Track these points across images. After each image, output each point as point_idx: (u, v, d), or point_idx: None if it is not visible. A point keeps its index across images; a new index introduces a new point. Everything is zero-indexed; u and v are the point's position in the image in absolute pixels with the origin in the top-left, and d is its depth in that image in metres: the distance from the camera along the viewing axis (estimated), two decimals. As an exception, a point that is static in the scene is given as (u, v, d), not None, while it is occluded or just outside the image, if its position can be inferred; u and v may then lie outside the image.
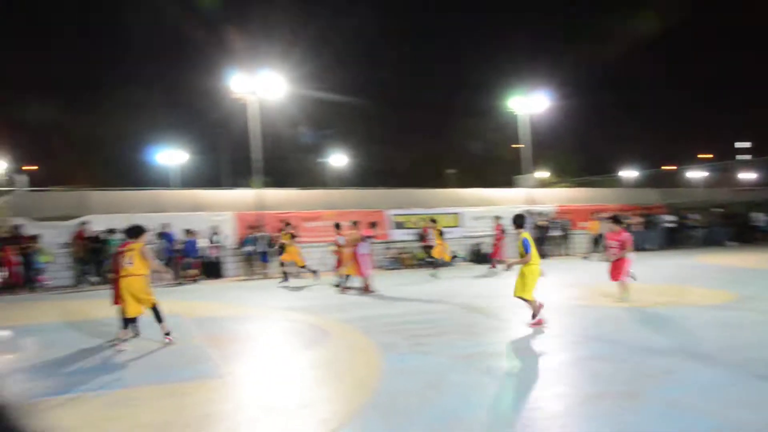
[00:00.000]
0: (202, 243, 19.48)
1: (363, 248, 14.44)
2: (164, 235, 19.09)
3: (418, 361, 7.30)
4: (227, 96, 24.82)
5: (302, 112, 41.41)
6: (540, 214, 25.90)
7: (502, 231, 20.52)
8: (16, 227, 18.39)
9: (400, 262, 22.88)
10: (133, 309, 8.71)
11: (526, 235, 9.39)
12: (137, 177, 46.42)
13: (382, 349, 7.98)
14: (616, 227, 11.69)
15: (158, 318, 8.87)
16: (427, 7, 76.73)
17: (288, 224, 18.77)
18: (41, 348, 8.94)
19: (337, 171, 48.92)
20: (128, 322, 8.81)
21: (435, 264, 18.72)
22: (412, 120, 58.24)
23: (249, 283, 18.67)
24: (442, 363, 7.14)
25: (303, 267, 17.97)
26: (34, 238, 17.73)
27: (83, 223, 18.90)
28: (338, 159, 48.03)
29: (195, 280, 18.89)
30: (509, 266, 10.15)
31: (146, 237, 9.26)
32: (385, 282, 15.83)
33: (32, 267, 17.52)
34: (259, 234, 20.41)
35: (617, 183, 42.83)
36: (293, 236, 18.19)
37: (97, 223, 19.07)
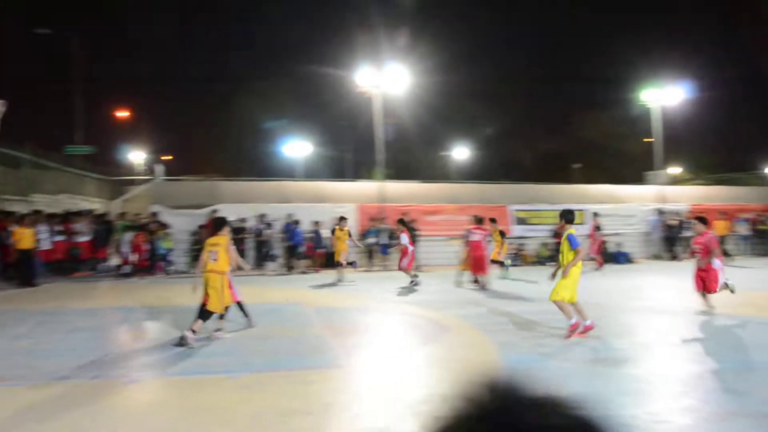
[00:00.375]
0: (325, 234, 20.02)
1: (481, 244, 14.37)
2: (289, 226, 19.84)
3: (537, 363, 7.16)
4: (352, 89, 25.37)
5: (426, 105, 41.47)
6: (671, 212, 24.59)
7: (597, 228, 19.79)
8: (154, 214, 19.76)
9: (520, 258, 22.49)
10: (216, 304, 8.41)
11: (574, 231, 8.75)
12: (264, 168, 48.43)
13: (501, 348, 7.90)
14: (701, 228, 10.72)
15: (204, 317, 8.40)
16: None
17: (342, 219, 18.21)
18: (170, 329, 9.53)
19: (459, 164, 48.72)
20: (206, 315, 8.40)
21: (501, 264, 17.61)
22: (537, 113, 56.88)
23: (370, 274, 19.03)
24: (562, 367, 6.97)
25: (338, 263, 17.28)
26: (164, 225, 18.90)
27: (214, 212, 19.96)
28: (461, 152, 47.79)
29: (317, 271, 19.46)
30: (554, 274, 9.10)
31: (228, 230, 9.04)
32: (505, 279, 15.62)
33: (156, 252, 18.69)
34: (380, 226, 20.73)
35: (762, 181, 39.70)
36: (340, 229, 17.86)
37: (227, 212, 20.07)
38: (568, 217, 9.02)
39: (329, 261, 20.15)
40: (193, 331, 8.07)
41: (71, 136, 35.84)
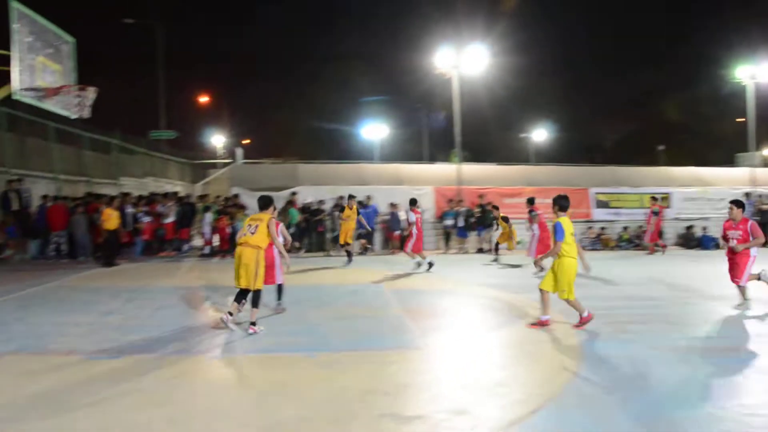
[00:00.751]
0: (402, 216, 20.09)
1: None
2: (367, 208, 20.03)
3: (621, 349, 7.00)
4: (430, 71, 25.25)
5: (504, 86, 40.83)
6: (764, 196, 23.41)
7: (654, 213, 18.99)
8: (235, 196, 20.33)
9: (601, 242, 21.96)
10: (241, 280, 8.03)
11: (563, 220, 7.95)
12: (342, 150, 48.98)
13: (582, 333, 7.76)
14: (739, 214, 9.60)
15: (254, 302, 8.09)
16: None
17: (351, 197, 17.66)
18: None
19: (538, 147, 47.81)
20: (241, 296, 8.09)
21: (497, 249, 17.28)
22: (620, 93, 54.99)
23: (447, 257, 19.01)
24: (647, 354, 6.78)
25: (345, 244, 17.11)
26: (243, 207, 19.34)
27: (294, 194, 20.39)
28: (540, 134, 46.87)
29: (393, 253, 19.57)
30: (537, 264, 8.51)
31: (273, 210, 8.67)
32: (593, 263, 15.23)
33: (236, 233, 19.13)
34: (458, 209, 20.65)
35: None
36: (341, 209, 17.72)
37: (306, 194, 20.49)
38: (560, 203, 8.17)
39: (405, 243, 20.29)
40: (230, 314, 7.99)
41: (156, 121, 37.21)
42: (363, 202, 19.79)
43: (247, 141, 50.55)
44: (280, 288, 9.28)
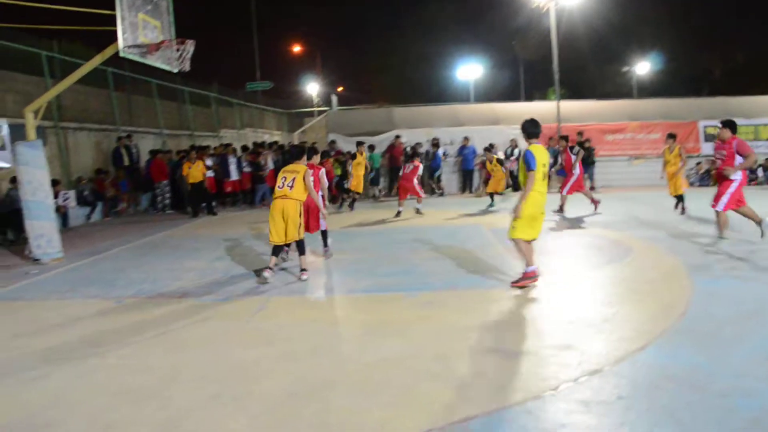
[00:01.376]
0: (500, 156, 19.72)
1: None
2: (464, 149, 19.82)
3: (734, 287, 6.68)
4: (524, 5, 24.33)
5: (603, 18, 38.74)
6: None
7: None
8: (332, 142, 20.56)
9: (711, 179, 20.79)
10: (276, 235, 7.87)
11: (534, 148, 6.88)
12: (437, 92, 48.37)
13: (692, 270, 7.46)
14: (726, 134, 9.13)
15: (300, 250, 8.07)
16: None
17: (360, 143, 17.39)
18: (357, 250, 9.99)
19: (641, 80, 45.38)
20: (277, 250, 8.05)
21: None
22: (729, 20, 50.93)
23: (548, 196, 18.56)
24: (763, 291, 6.45)
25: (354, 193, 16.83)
26: (342, 153, 19.50)
27: (397, 137, 20.42)
28: (643, 67, 44.41)
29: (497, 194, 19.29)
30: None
31: (306, 160, 8.44)
32: (695, 200, 14.48)
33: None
34: (556, 147, 20.04)
35: None
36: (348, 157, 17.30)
37: (406, 137, 20.51)
38: (529, 129, 7.09)
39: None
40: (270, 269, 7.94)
41: (252, 73, 37.95)
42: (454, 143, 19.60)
43: (341, 88, 50.88)
44: (324, 234, 9.33)
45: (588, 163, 19.44)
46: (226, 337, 5.68)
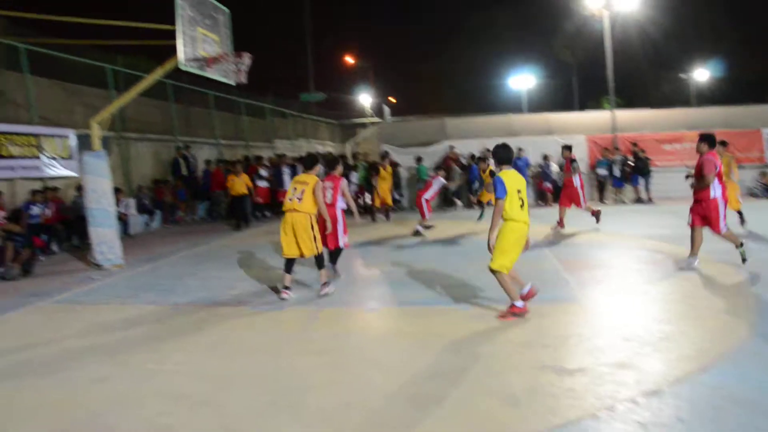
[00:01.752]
0: (554, 167, 19.47)
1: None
2: (518, 160, 19.62)
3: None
4: (577, 13, 24.04)
5: (659, 25, 37.93)
6: None
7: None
8: (385, 153, 20.63)
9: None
10: (289, 249, 7.63)
11: (505, 174, 6.29)
12: (489, 102, 48.19)
13: (755, 287, 7.21)
14: (704, 148, 8.36)
15: (320, 265, 7.81)
16: None
17: (385, 155, 17.08)
18: (407, 262, 9.98)
19: (699, 88, 44.18)
20: (290, 265, 7.75)
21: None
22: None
23: (602, 207, 18.22)
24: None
25: (389, 206, 16.46)
26: (394, 164, 19.44)
27: (452, 147, 20.39)
28: (702, 74, 43.24)
29: (546, 205, 19.07)
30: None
31: (319, 169, 8.10)
32: (759, 213, 13.95)
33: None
34: (612, 157, 19.69)
35: None
36: (378, 169, 16.57)
37: (459, 148, 20.48)
38: (500, 154, 6.54)
39: (558, 194, 19.64)
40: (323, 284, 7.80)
41: (306, 84, 38.45)
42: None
43: (393, 99, 51.14)
44: (337, 252, 8.82)
45: (643, 173, 19.02)
46: (280, 345, 5.76)
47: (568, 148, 13.48)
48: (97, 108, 14.06)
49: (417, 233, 13.00)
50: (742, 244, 8.38)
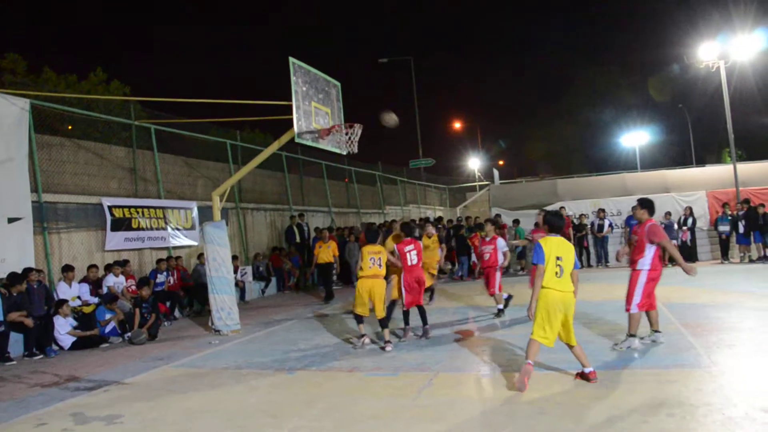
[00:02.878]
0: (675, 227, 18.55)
1: None
2: (631, 219, 18.90)
3: None
4: (691, 67, 23.30)
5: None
6: None
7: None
8: (497, 216, 20.49)
9: None
10: (378, 309, 8.81)
11: (545, 241, 6.27)
12: (600, 161, 47.14)
13: None
14: (643, 215, 7.76)
15: (386, 324, 8.87)
16: None
17: (427, 221, 16.06)
18: (522, 325, 9.72)
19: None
20: (359, 319, 9.04)
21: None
22: None
23: (726, 267, 17.16)
24: None
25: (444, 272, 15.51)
26: (502, 227, 19.21)
27: (562, 208, 20.01)
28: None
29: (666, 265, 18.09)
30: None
31: (380, 240, 9.34)
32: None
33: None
34: (736, 213, 18.57)
35: None
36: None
37: (569, 209, 20.03)
38: (553, 222, 6.56)
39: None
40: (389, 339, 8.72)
41: (414, 151, 39.20)
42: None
43: (502, 162, 51.11)
44: (389, 312, 9.38)
45: (765, 231, 17.59)
46: (395, 412, 5.71)
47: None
48: (217, 180, 14.98)
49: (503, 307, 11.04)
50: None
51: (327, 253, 15.13)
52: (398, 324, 9.73)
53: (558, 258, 6.19)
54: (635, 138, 40.83)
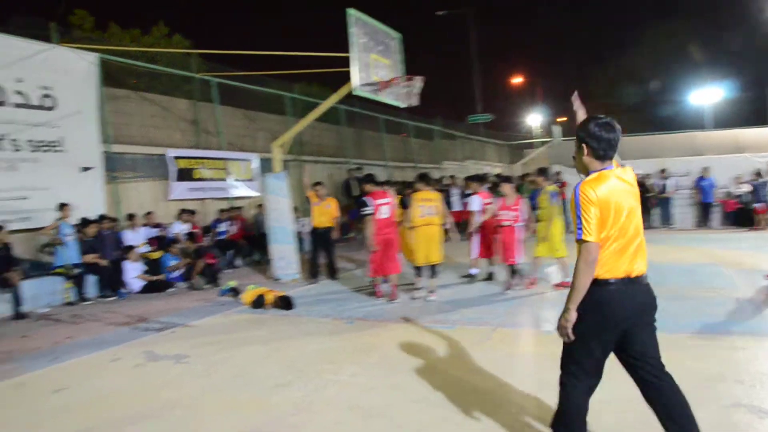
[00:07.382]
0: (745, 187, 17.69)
1: None
2: (702, 180, 18.21)
3: None
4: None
5: None
6: None
7: None
8: (557, 173, 20.07)
9: None
10: (435, 256, 8.97)
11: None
12: (667, 119, 45.42)
13: None
14: (509, 190, 9.57)
15: (437, 273, 9.23)
16: None
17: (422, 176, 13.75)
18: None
19: None
20: (419, 269, 9.20)
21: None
22: None
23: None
24: None
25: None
26: (563, 184, 18.79)
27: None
28: None
29: (754, 229, 17.23)
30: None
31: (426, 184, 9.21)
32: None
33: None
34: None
35: None
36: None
37: (636, 169, 19.38)
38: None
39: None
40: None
41: (473, 106, 38.59)
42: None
43: (563, 119, 49.84)
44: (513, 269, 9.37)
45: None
46: (451, 363, 5.73)
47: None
48: (276, 133, 15.07)
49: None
50: None
51: (325, 214, 11.42)
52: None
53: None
54: (707, 95, 38.98)
